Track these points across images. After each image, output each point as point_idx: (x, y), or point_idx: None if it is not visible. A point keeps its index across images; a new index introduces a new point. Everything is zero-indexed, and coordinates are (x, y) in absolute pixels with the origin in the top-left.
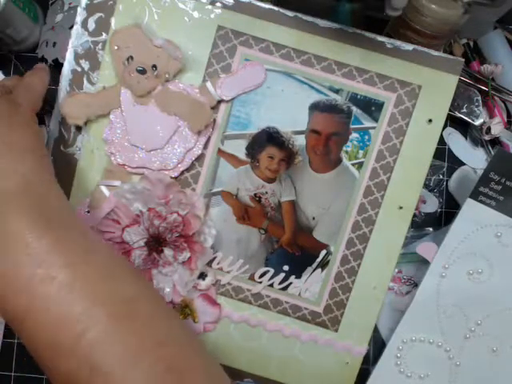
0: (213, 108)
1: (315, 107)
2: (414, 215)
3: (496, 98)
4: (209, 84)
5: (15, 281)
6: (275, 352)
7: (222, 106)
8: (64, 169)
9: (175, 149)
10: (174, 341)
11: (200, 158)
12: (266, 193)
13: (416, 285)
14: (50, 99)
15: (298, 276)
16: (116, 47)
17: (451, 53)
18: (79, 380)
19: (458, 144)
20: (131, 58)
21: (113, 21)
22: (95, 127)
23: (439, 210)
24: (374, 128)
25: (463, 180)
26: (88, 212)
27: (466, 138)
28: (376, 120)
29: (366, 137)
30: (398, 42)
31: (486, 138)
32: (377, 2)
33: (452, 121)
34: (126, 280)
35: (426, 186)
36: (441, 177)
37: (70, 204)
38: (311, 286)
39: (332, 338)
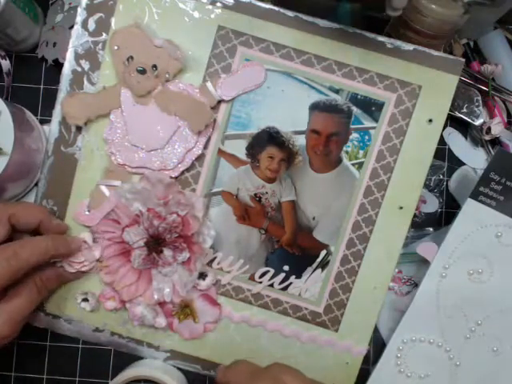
0: (213, 108)
1: (315, 107)
2: (414, 215)
3: (496, 98)
4: (209, 84)
5: None
6: (275, 352)
7: (222, 106)
8: (64, 169)
9: (175, 149)
10: None
11: (200, 158)
12: (266, 193)
13: (416, 285)
14: None
15: (298, 276)
16: (116, 47)
17: (451, 53)
18: None
19: (458, 144)
20: (131, 57)
21: (113, 21)
22: (95, 127)
23: (439, 210)
24: (374, 128)
25: (463, 180)
26: (88, 212)
27: (466, 138)
28: (376, 120)
29: (366, 137)
30: (398, 42)
31: (486, 137)
32: (377, 1)
33: (452, 121)
34: None
35: (426, 186)
36: (441, 177)
37: None
38: (311, 286)
39: (332, 338)
